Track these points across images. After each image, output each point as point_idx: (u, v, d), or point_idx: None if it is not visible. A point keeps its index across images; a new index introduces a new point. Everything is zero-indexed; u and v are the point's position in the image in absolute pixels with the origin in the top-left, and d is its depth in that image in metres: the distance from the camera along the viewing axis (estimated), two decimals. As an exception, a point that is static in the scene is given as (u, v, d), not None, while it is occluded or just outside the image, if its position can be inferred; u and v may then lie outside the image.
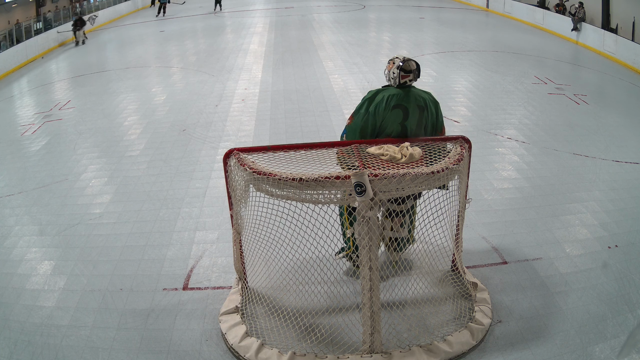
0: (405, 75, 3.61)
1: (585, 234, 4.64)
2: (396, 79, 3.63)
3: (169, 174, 6.06)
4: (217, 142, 7.03)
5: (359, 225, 3.08)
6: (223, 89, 9.74)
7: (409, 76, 3.62)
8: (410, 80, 3.63)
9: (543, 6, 17.23)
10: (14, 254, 4.58)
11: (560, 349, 3.29)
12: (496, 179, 5.72)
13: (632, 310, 3.61)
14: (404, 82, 3.63)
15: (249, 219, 3.46)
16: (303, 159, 3.40)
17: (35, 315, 3.73)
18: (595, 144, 6.74)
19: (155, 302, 3.84)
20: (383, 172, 3.04)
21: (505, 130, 7.28)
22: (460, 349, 3.25)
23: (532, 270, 4.10)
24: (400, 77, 3.62)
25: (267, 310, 3.61)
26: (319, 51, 12.86)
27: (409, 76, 3.62)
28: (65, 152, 6.97)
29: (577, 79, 9.62)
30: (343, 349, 3.25)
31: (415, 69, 3.63)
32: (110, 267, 4.29)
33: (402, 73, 3.61)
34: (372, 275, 3.12)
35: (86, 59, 13.65)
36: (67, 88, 10.73)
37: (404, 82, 3.63)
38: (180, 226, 4.91)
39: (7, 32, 13.58)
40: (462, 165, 3.33)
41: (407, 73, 3.61)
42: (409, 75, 3.62)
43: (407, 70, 3.61)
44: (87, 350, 3.38)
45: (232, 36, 15.72)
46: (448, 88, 9.44)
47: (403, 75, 3.61)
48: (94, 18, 18.59)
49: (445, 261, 3.91)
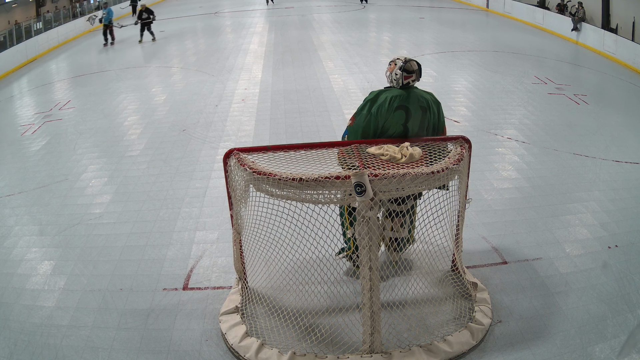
0: (408, 75, 3.60)
1: (585, 234, 4.64)
2: (399, 80, 3.62)
3: (169, 174, 6.06)
4: (217, 142, 7.03)
5: (359, 225, 3.08)
6: (223, 89, 9.74)
7: (411, 76, 3.61)
8: (413, 80, 3.62)
9: (543, 6, 17.23)
10: (14, 254, 4.58)
11: (560, 349, 3.29)
12: (496, 179, 5.72)
13: (632, 310, 3.61)
14: (407, 82, 3.62)
15: (249, 219, 3.46)
16: (303, 159, 3.40)
17: (35, 315, 3.73)
18: (595, 144, 6.74)
19: (155, 302, 3.84)
20: (383, 172, 3.04)
21: (505, 130, 7.28)
22: (460, 349, 3.25)
23: (532, 270, 4.10)
24: (403, 78, 3.61)
25: (267, 310, 3.61)
26: (319, 51, 12.86)
27: (411, 76, 3.61)
28: (65, 152, 6.97)
29: (577, 79, 9.62)
30: (343, 349, 3.25)
31: (417, 69, 3.62)
32: (110, 267, 4.29)
33: (404, 74, 3.59)
34: (372, 275, 3.12)
35: (86, 59, 13.65)
36: (67, 88, 10.73)
37: (407, 82, 3.62)
38: (180, 226, 4.91)
39: (7, 32, 13.58)
40: (462, 165, 3.33)
41: (410, 73, 3.60)
42: (411, 75, 3.60)
43: (410, 71, 3.59)
44: (87, 350, 3.38)
45: (232, 36, 15.72)
46: (448, 88, 9.44)
47: (406, 76, 3.60)
48: (94, 18, 18.59)
49: (445, 261, 3.91)
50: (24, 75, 12.50)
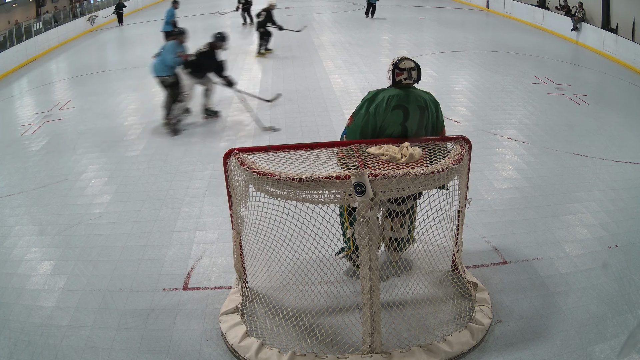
0: (400, 73, 3.59)
1: (585, 234, 4.64)
2: (391, 78, 3.64)
3: (169, 174, 6.06)
4: (217, 142, 7.03)
5: (359, 225, 3.08)
6: (223, 89, 9.72)
7: (403, 74, 3.59)
8: (405, 78, 3.60)
9: (543, 6, 17.22)
10: (14, 254, 4.58)
11: (560, 349, 3.29)
12: (496, 179, 5.72)
13: (632, 310, 3.61)
14: (398, 80, 3.61)
15: (249, 219, 3.46)
16: (303, 159, 3.40)
17: (35, 315, 3.73)
18: (595, 144, 6.74)
19: (155, 302, 3.84)
20: (383, 172, 3.04)
21: (505, 130, 7.28)
22: (460, 349, 3.25)
23: (532, 270, 4.10)
24: (395, 75, 3.61)
25: (267, 310, 3.61)
26: (319, 51, 12.86)
27: (403, 74, 3.59)
28: (65, 152, 6.97)
29: (577, 79, 9.63)
30: (343, 349, 3.25)
31: (412, 68, 3.59)
32: (110, 267, 4.29)
33: (397, 71, 3.60)
34: (372, 275, 3.12)
35: (86, 59, 13.65)
36: (67, 88, 10.73)
37: (399, 80, 3.61)
38: (180, 226, 4.91)
39: (7, 32, 13.58)
40: (462, 165, 3.33)
41: (401, 71, 3.59)
42: (403, 73, 3.59)
43: (402, 68, 3.59)
44: (87, 350, 3.38)
45: (232, 36, 15.68)
46: (448, 88, 9.44)
47: (398, 73, 3.60)
48: (94, 18, 18.60)
49: (445, 261, 3.91)
50: (24, 75, 12.50)
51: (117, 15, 19.06)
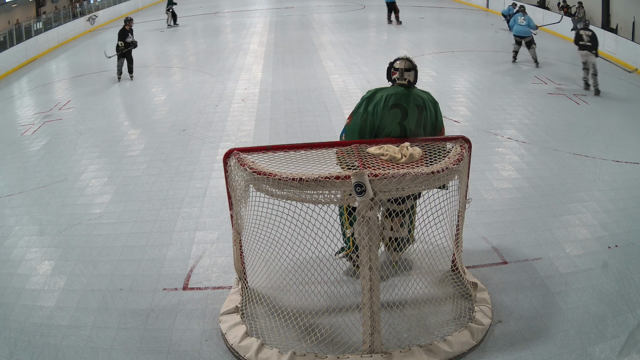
0: (394, 71, 3.67)
1: (585, 234, 4.64)
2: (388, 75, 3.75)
3: (169, 174, 6.06)
4: (217, 142, 7.03)
5: (359, 225, 3.08)
6: (223, 89, 9.74)
7: (396, 73, 3.67)
8: (398, 78, 3.67)
9: (543, 6, 17.21)
10: (14, 254, 4.58)
11: (560, 349, 3.28)
12: (496, 179, 5.72)
13: (632, 310, 3.61)
14: (393, 78, 3.69)
15: (249, 219, 3.46)
16: (303, 159, 3.40)
17: (35, 315, 3.73)
18: (595, 144, 6.74)
19: (155, 302, 3.84)
20: (383, 172, 3.04)
21: (505, 130, 7.28)
22: (460, 349, 3.25)
23: (532, 270, 4.10)
24: (390, 73, 3.73)
25: (267, 310, 3.61)
26: (319, 51, 12.86)
27: (396, 73, 3.67)
28: (65, 152, 6.97)
29: (577, 79, 9.61)
30: (343, 349, 3.25)
31: (406, 69, 3.66)
32: (110, 267, 4.29)
33: (392, 69, 3.70)
34: (372, 275, 3.12)
35: (86, 59, 13.65)
36: (67, 88, 10.73)
37: (393, 79, 3.69)
38: (180, 226, 4.91)
39: (7, 32, 13.58)
40: (462, 165, 3.33)
41: (395, 70, 3.69)
42: (396, 72, 3.67)
43: (396, 68, 3.68)
44: (87, 350, 3.38)
45: (232, 36, 15.73)
46: (448, 88, 9.44)
47: (392, 72, 3.70)
48: (94, 18, 18.60)
49: (445, 261, 3.91)
50: (24, 75, 12.50)
51: (171, 15, 17.45)
